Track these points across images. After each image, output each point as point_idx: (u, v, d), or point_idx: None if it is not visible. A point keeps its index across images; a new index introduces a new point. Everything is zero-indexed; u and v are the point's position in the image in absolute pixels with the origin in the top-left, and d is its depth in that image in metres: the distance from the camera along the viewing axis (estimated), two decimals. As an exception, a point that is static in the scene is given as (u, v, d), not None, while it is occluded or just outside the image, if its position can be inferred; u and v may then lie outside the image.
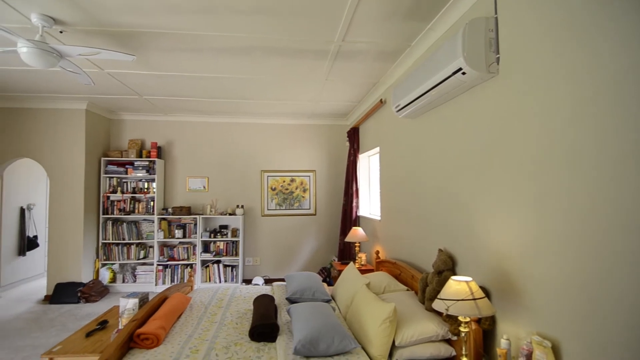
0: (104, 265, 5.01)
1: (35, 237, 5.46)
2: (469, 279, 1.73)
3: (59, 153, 4.65)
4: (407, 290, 2.83)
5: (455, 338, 2.08)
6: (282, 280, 5.31)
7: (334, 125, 5.66)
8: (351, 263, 3.27)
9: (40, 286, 5.08)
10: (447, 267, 2.26)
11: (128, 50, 2.90)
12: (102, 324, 2.60)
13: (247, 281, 5.32)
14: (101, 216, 5.01)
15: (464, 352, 1.73)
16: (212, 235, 5.15)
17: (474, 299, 1.64)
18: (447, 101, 2.40)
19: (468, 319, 1.71)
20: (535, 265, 1.59)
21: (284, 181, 5.54)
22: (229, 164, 5.47)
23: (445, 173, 2.46)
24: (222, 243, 5.16)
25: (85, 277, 4.70)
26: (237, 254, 5.15)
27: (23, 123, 4.62)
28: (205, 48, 2.88)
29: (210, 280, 5.09)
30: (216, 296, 3.16)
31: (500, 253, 1.85)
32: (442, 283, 2.15)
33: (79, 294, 4.46)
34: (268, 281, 5.34)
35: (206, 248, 5.21)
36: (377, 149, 4.18)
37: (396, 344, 2.06)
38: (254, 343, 2.22)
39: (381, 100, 3.77)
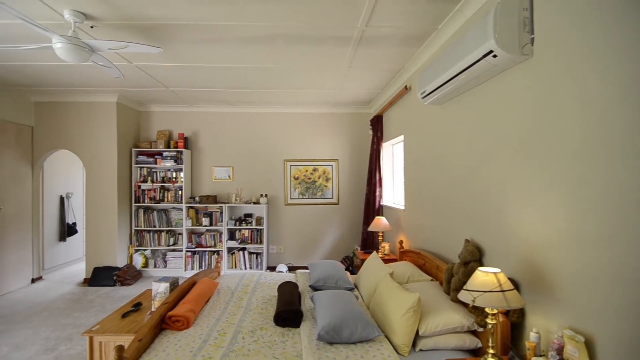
0: (137, 251, 5.27)
1: (74, 224, 5.81)
2: (497, 270, 1.68)
3: (93, 144, 4.88)
4: (432, 280, 2.79)
5: (481, 330, 2.04)
6: (306, 268, 5.39)
7: (357, 114, 5.58)
8: (374, 252, 3.26)
9: (80, 270, 5.44)
10: (474, 258, 2.20)
11: (154, 43, 2.96)
12: (137, 306, 2.75)
13: (272, 268, 5.44)
14: (133, 204, 5.25)
15: (490, 344, 1.70)
16: (238, 223, 5.28)
17: (502, 291, 1.59)
18: (476, 86, 2.30)
19: (495, 311, 1.67)
20: (569, 256, 1.52)
21: (306, 170, 5.56)
22: (252, 153, 5.55)
23: (474, 161, 2.37)
24: (247, 231, 5.29)
25: (120, 262, 4.97)
26: (261, 242, 5.26)
27: (60, 116, 4.88)
28: (228, 38, 2.90)
29: (236, 267, 5.25)
30: (242, 282, 3.25)
31: (532, 244, 1.78)
32: (468, 274, 2.10)
33: (114, 278, 4.73)
34: (291, 269, 5.43)
35: (232, 236, 5.36)
36: (401, 137, 4.09)
37: (420, 333, 2.05)
38: (278, 328, 2.28)
39: (406, 86, 3.67)
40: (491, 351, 1.69)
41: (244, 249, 5.28)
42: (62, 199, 5.61)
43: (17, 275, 4.58)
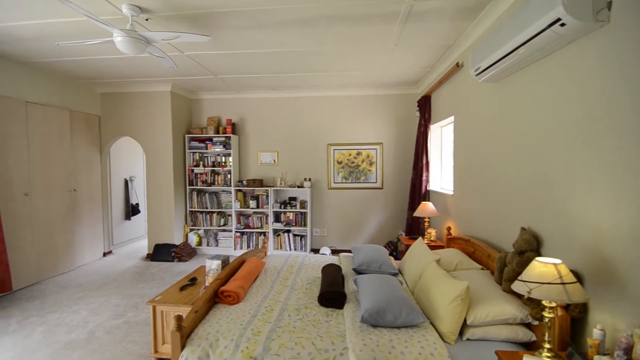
0: (191, 230, 5.66)
1: (137, 204, 6.37)
2: (557, 261, 1.55)
3: (151, 131, 5.26)
4: (482, 269, 2.67)
5: (536, 323, 1.92)
6: (349, 251, 5.43)
7: (403, 95, 5.37)
8: (420, 238, 3.18)
9: (143, 246, 5.99)
10: (531, 247, 2.06)
11: (203, 32, 3.07)
12: (192, 281, 2.97)
13: (315, 250, 5.55)
14: (187, 187, 5.62)
15: (546, 339, 1.59)
16: (282, 206, 5.43)
17: (563, 284, 1.47)
18: (538, 60, 2.08)
19: (554, 304, 1.55)
20: (647, 249, 1.35)
21: (350, 154, 5.52)
22: (296, 138, 5.61)
23: (533, 143, 2.18)
24: (291, 214, 5.43)
25: (177, 239, 5.39)
26: (305, 225, 5.38)
27: (122, 105, 5.30)
28: (272, 23, 2.90)
29: (281, 248, 5.44)
30: (287, 263, 3.37)
31: (600, 234, 1.61)
32: (523, 264, 1.97)
33: (172, 254, 5.15)
34: (334, 252, 5.51)
35: (277, 218, 5.54)
36: (451, 119, 3.87)
37: (468, 322, 1.98)
38: (322, 308, 2.34)
39: (457, 63, 3.44)
40: (547, 346, 1.58)
41: (288, 231, 5.44)
42: (126, 182, 6.16)
43: (92, 249, 5.17)
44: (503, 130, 2.59)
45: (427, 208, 4.01)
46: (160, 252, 5.20)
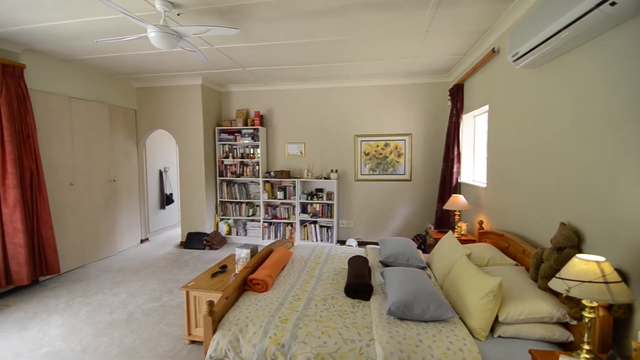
0: (222, 219, 5.85)
1: (171, 194, 6.66)
2: (601, 258, 1.46)
3: (183, 124, 5.44)
4: (516, 265, 2.56)
5: (574, 322, 1.82)
6: (375, 243, 5.40)
7: (434, 84, 5.19)
8: (450, 232, 3.09)
9: (177, 234, 6.27)
10: (571, 243, 1.94)
11: (232, 25, 3.10)
12: (223, 268, 3.08)
13: (341, 242, 5.57)
14: (218, 178, 5.79)
15: (585, 339, 1.51)
16: (309, 197, 5.47)
17: (606, 282, 1.38)
18: (583, 43, 1.93)
19: (595, 304, 1.47)
20: None
21: (377, 146, 5.44)
22: (323, 129, 5.60)
23: (575, 133, 2.04)
24: (318, 205, 5.46)
25: (209, 228, 5.58)
26: (331, 216, 5.39)
27: (157, 99, 5.51)
28: (300, 13, 2.88)
29: (308, 239, 5.49)
30: (314, 253, 3.40)
31: (651, 231, 1.49)
32: (562, 261, 1.87)
33: (204, 242, 5.35)
34: (361, 244, 5.49)
35: (304, 209, 5.59)
36: (486, 108, 3.70)
37: (500, 319, 1.91)
38: (348, 299, 2.35)
39: (493, 49, 3.26)
40: (586, 347, 1.50)
41: (315, 222, 5.49)
42: (160, 173, 6.44)
43: (130, 236, 5.48)
44: (542, 118, 2.44)
45: (458, 201, 3.89)
46: (193, 240, 5.42)
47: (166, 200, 6.48)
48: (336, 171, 5.40)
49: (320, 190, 5.56)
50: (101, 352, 2.58)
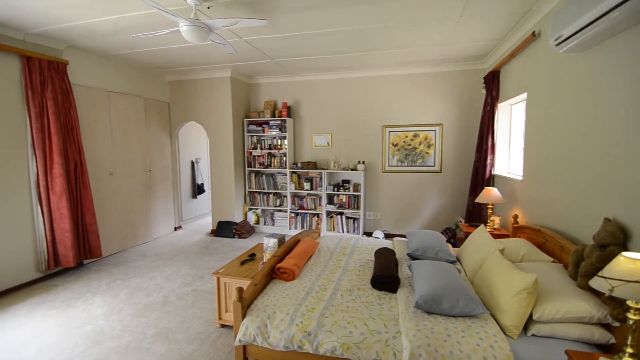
0: (250, 209, 5.99)
1: (202, 184, 6.89)
2: (650, 257, 1.35)
3: (213, 116, 5.58)
4: (553, 262, 2.43)
5: (617, 324, 1.71)
6: (403, 236, 5.32)
7: (467, 71, 4.96)
8: (482, 226, 2.98)
9: (207, 222, 6.50)
10: (615, 240, 1.81)
11: (261, 16, 3.11)
12: (251, 256, 3.16)
13: (368, 234, 5.53)
14: (246, 169, 5.91)
15: (629, 342, 1.42)
16: (336, 189, 5.46)
17: (657, 283, 1.28)
18: (636, 24, 1.76)
19: (642, 306, 1.37)
20: None
21: (406, 136, 5.31)
22: (351, 120, 5.54)
23: (624, 121, 1.88)
24: (344, 197, 5.44)
25: (238, 217, 5.74)
26: (358, 208, 5.36)
27: (188, 92, 5.68)
28: (328, 1, 2.84)
29: (334, 230, 5.51)
30: (340, 244, 3.41)
31: None
32: (605, 259, 1.76)
33: (233, 231, 5.51)
34: (388, 236, 5.43)
35: (330, 200, 5.60)
36: (524, 96, 3.50)
37: (534, 317, 1.83)
38: (375, 291, 2.34)
39: (533, 33, 3.06)
40: (630, 350, 1.41)
41: (341, 214, 5.48)
42: (192, 164, 6.67)
43: (165, 224, 5.74)
44: (587, 106, 2.27)
45: (491, 194, 3.73)
46: (223, 229, 5.59)
47: (198, 190, 6.72)
48: (363, 162, 5.35)
49: (347, 181, 5.54)
50: (139, 332, 2.75)
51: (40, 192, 3.69)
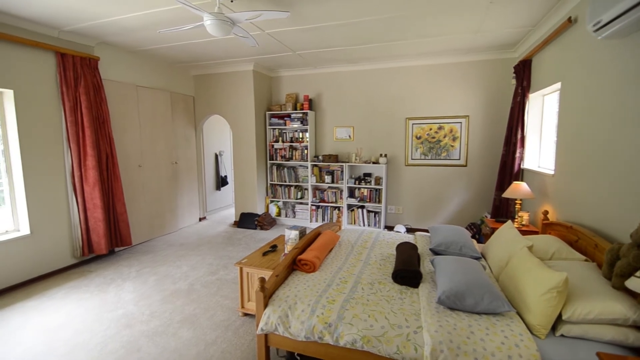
0: (272, 201, 6.07)
1: (226, 176, 7.04)
2: (697, 258, 1.26)
3: (236, 109, 5.65)
4: (586, 260, 2.32)
5: (656, 328, 1.62)
6: (425, 231, 5.24)
7: (497, 60, 4.76)
8: (509, 222, 2.88)
9: (231, 214, 6.65)
10: (657, 239, 1.70)
11: (283, 8, 3.10)
12: (273, 248, 3.21)
13: (389, 228, 5.48)
14: (268, 162, 5.98)
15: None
16: (357, 182, 5.43)
17: None
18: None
19: (687, 309, 1.28)
20: None
21: (430, 129, 5.18)
22: (373, 112, 5.47)
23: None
24: (366, 190, 5.40)
25: (260, 209, 5.83)
26: (380, 201, 5.31)
27: (212, 86, 5.78)
28: (351, -10, 2.79)
29: (355, 223, 5.49)
30: (361, 237, 3.39)
31: None
32: (644, 258, 1.65)
33: (255, 222, 5.61)
34: (410, 230, 5.36)
35: (351, 193, 5.57)
36: (557, 85, 3.32)
37: (564, 317, 1.76)
38: (396, 285, 2.32)
39: (569, 19, 2.89)
40: (671, 356, 1.33)
41: (362, 207, 5.45)
42: (216, 156, 6.81)
43: (190, 214, 5.92)
44: (626, 96, 2.13)
45: (519, 189, 3.59)
46: (245, 220, 5.71)
47: (221, 182, 6.87)
48: (385, 155, 5.28)
49: (369, 174, 5.49)
50: (166, 317, 2.87)
51: (75, 183, 3.89)
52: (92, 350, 2.44)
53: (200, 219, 6.18)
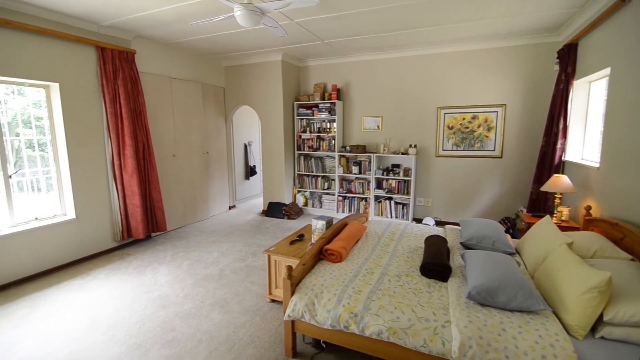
0: (299, 191, 6.12)
1: (254, 166, 7.17)
2: None
3: (265, 100, 5.71)
4: (632, 260, 2.16)
5: None
6: (456, 224, 5.09)
7: (537, 45, 4.45)
8: (547, 216, 2.73)
9: (259, 203, 6.79)
10: None
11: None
12: (300, 237, 3.25)
13: (417, 220, 5.38)
14: (295, 152, 6.01)
15: None
16: (385, 173, 5.35)
17: None
18: None
19: None
20: None
21: (463, 119, 4.97)
22: (403, 102, 5.33)
23: None
24: (394, 181, 5.31)
25: (287, 199, 5.91)
26: (408, 193, 5.21)
27: (241, 77, 5.86)
28: (382, -25, 2.70)
29: (382, 215, 5.44)
30: (389, 229, 3.36)
31: None
32: (703, 259, 1.51)
33: (283, 212, 5.69)
34: (439, 223, 5.23)
35: (379, 185, 5.50)
36: (606, 71, 3.07)
37: (605, 319, 1.66)
38: (424, 278, 2.28)
39: (622, -3, 2.64)
40: None
41: (390, 199, 5.38)
42: (245, 146, 6.95)
43: (220, 203, 6.11)
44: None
45: (560, 182, 3.38)
46: (273, 210, 5.81)
47: (250, 171, 7.02)
48: (415, 146, 5.15)
49: (397, 165, 5.38)
50: (199, 300, 3.00)
51: (115, 171, 4.11)
52: (131, 328, 2.60)
53: (230, 208, 6.37)
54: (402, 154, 5.22)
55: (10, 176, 3.38)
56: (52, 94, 3.65)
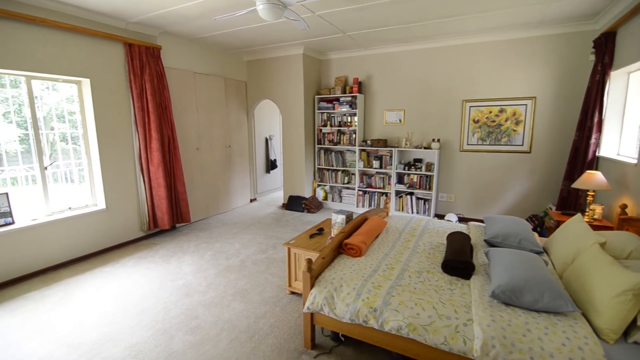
0: (319, 185, 6.14)
1: (275, 160, 7.24)
2: None
3: (286, 93, 5.73)
4: (673, 261, 2.03)
5: None
6: (480, 221, 4.95)
7: (571, 34, 4.21)
8: (578, 214, 2.61)
9: (279, 196, 6.86)
10: None
11: (334, -13, 3.03)
12: (320, 231, 3.26)
13: (440, 216, 5.27)
14: (316, 146, 6.02)
15: None
16: (406, 168, 5.26)
17: None
18: None
19: None
20: None
21: (490, 112, 4.80)
22: (426, 95, 5.20)
23: None
24: (415, 176, 5.23)
25: (307, 193, 5.94)
26: (430, 189, 5.12)
27: (263, 71, 5.90)
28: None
29: (403, 210, 5.37)
30: (410, 225, 3.31)
31: None
32: None
33: (303, 205, 5.73)
34: (462, 220, 5.11)
35: (400, 179, 5.43)
36: (647, 61, 2.88)
37: (639, 323, 1.57)
38: (445, 275, 2.24)
39: (669, -20, 2.45)
40: None
41: (411, 194, 5.30)
42: (266, 140, 7.02)
43: (242, 195, 6.22)
44: None
45: (593, 178, 3.21)
46: (293, 203, 5.86)
47: (271, 165, 7.09)
48: (438, 140, 5.03)
49: (419, 160, 5.28)
50: (221, 290, 3.08)
51: (142, 164, 4.26)
52: (157, 314, 2.71)
53: (251, 200, 6.47)
54: (425, 148, 5.12)
55: (46, 168, 3.57)
56: (84, 89, 3.81)
